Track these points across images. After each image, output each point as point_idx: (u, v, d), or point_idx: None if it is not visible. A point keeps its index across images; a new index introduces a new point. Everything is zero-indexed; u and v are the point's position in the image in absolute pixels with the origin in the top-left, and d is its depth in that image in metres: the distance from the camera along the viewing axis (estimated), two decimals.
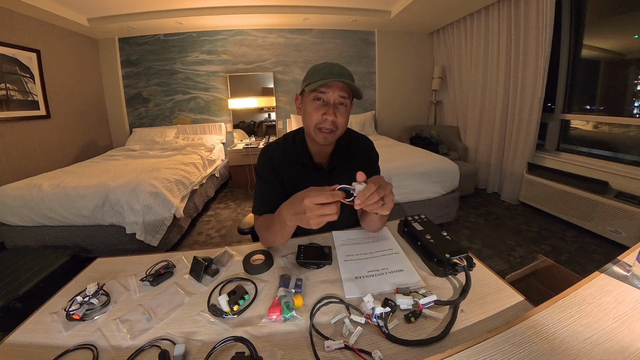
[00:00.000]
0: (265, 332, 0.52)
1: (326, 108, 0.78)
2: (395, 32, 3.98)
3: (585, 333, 0.42)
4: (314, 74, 0.79)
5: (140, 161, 2.69)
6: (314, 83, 0.76)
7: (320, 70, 0.78)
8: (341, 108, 0.80)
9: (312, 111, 0.79)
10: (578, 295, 0.50)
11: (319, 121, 0.79)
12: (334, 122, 0.78)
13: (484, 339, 0.42)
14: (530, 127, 2.63)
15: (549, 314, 0.46)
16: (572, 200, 2.24)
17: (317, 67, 0.80)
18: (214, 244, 2.33)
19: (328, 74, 0.76)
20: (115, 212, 1.93)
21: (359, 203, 0.56)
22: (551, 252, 2.00)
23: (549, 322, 0.44)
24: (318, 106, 0.79)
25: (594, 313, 0.46)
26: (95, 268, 0.77)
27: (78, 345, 0.51)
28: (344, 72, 0.78)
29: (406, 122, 4.14)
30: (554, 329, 0.43)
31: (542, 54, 2.42)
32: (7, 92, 2.52)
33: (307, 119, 0.82)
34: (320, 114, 0.78)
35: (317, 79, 0.76)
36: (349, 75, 0.79)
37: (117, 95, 3.82)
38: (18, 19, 2.62)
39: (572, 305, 0.47)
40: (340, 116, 0.79)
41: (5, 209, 1.99)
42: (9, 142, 2.53)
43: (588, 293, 0.50)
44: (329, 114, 0.77)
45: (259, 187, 0.91)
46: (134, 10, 3.06)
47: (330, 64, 0.80)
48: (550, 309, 0.47)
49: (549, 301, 0.49)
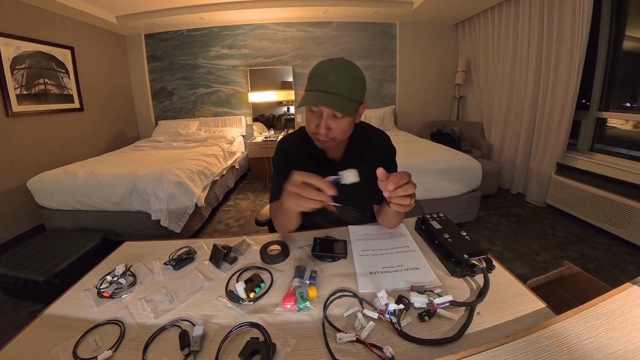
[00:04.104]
0: (279, 320, 0.54)
1: (319, 120, 0.75)
2: (417, 23, 3.83)
3: (612, 347, 0.39)
4: (311, 79, 0.74)
5: (165, 152, 2.82)
6: (305, 94, 0.73)
7: (316, 77, 0.72)
8: (337, 119, 0.74)
9: (307, 120, 0.78)
10: (606, 307, 0.47)
11: (313, 132, 0.78)
12: (326, 134, 0.75)
13: (500, 344, 0.40)
14: (561, 125, 2.46)
15: (572, 323, 0.44)
16: (605, 205, 2.09)
17: (316, 69, 0.74)
18: (232, 233, 2.41)
19: (321, 84, 0.71)
20: (142, 200, 2.04)
21: (391, 189, 0.56)
22: (578, 259, 1.89)
23: (572, 332, 0.42)
24: (311, 117, 0.76)
25: (623, 327, 0.43)
26: (123, 251, 0.82)
27: (107, 320, 0.55)
28: (342, 80, 0.70)
29: (427, 118, 4.02)
30: (577, 340, 0.41)
31: (577, 46, 2.24)
32: (46, 86, 2.71)
33: (305, 124, 0.81)
34: (314, 126, 0.76)
35: (311, 88, 0.73)
36: (345, 84, 0.70)
37: (143, 89, 3.99)
38: (54, 18, 2.79)
39: (598, 317, 0.45)
40: (336, 127, 0.75)
41: (45, 194, 2.16)
42: (48, 133, 2.73)
43: (618, 305, 0.47)
44: (321, 127, 0.74)
45: (275, 177, 0.93)
46: (159, 7, 3.18)
47: (330, 67, 0.71)
48: (574, 319, 0.44)
49: (573, 310, 0.46)
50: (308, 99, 0.72)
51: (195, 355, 0.47)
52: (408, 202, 0.58)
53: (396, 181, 0.56)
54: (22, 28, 2.47)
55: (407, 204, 0.58)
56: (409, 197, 0.57)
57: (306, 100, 0.72)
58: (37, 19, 2.62)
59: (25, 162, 2.47)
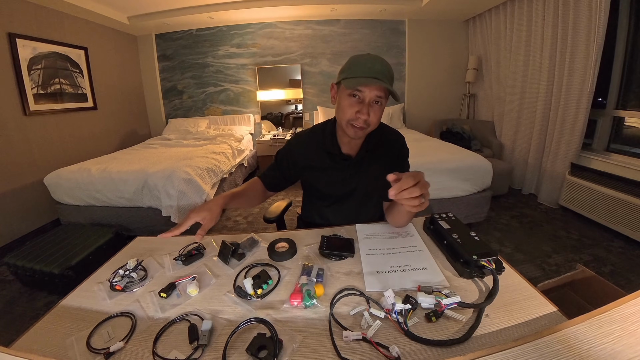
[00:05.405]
0: (286, 316, 0.55)
1: (361, 106, 0.76)
2: (427, 20, 3.77)
3: (626, 354, 0.38)
4: (353, 67, 0.76)
5: (175, 149, 2.87)
6: (352, 79, 0.74)
7: (361, 65, 0.75)
8: (375, 107, 0.78)
9: (346, 107, 0.78)
10: (621, 312, 0.45)
11: (351, 118, 0.78)
12: (366, 120, 0.77)
13: (509, 347, 0.40)
14: (576, 124, 2.39)
15: (584, 328, 0.42)
16: (621, 207, 2.02)
17: (358, 59, 0.77)
18: (241, 230, 2.43)
19: (367, 71, 0.73)
20: (153, 196, 2.09)
21: (394, 193, 0.56)
22: (592, 262, 1.83)
23: (584, 337, 0.41)
24: (352, 103, 0.77)
25: (638, 333, 0.41)
26: (135, 246, 0.84)
27: (119, 313, 0.57)
28: (385, 70, 0.75)
29: (437, 116, 3.95)
30: (589, 345, 0.40)
31: (594, 42, 2.16)
32: (61, 86, 2.79)
33: (340, 112, 0.81)
34: (354, 112, 0.77)
35: (356, 74, 0.74)
36: (389, 73, 0.76)
37: (154, 88, 4.07)
38: (68, 20, 2.87)
39: (612, 322, 0.43)
40: (374, 115, 0.78)
41: (60, 190, 2.23)
42: (64, 131, 2.81)
43: (634, 311, 0.45)
44: (363, 113, 0.76)
45: (271, 165, 1.01)
46: (169, 7, 3.23)
47: (372, 58, 0.76)
48: (586, 324, 0.43)
49: (585, 314, 0.45)
50: (367, 72, 0.74)
51: (204, 348, 0.48)
52: (416, 203, 0.57)
53: (399, 186, 0.55)
54: (38, 30, 2.55)
55: (415, 204, 0.57)
56: (416, 199, 0.57)
57: (366, 72, 0.74)
58: (52, 20, 2.70)
59: (42, 159, 2.56)
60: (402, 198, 0.56)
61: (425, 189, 0.58)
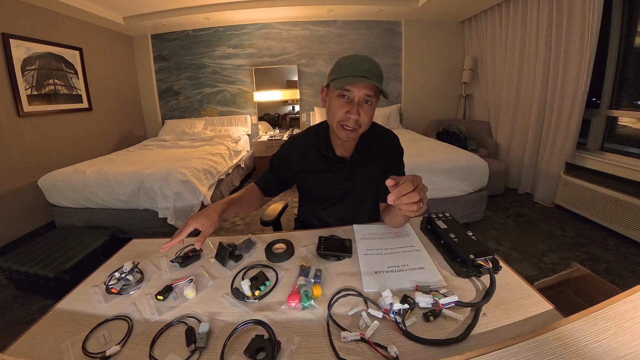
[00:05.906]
0: (284, 318, 0.54)
1: (350, 106, 0.76)
2: (423, 21, 3.80)
3: (621, 351, 0.38)
4: (341, 67, 0.76)
5: (171, 151, 2.85)
6: (340, 80, 0.74)
7: (348, 65, 0.75)
8: (366, 106, 0.78)
9: (336, 108, 0.78)
10: (616, 309, 0.46)
11: (342, 118, 0.78)
12: (357, 120, 0.77)
13: (506, 346, 0.40)
14: (570, 124, 2.42)
15: (580, 326, 0.43)
16: (615, 206, 2.04)
17: (345, 60, 0.78)
18: (238, 231, 2.42)
19: (355, 71, 0.73)
20: (149, 198, 2.07)
21: (393, 199, 0.55)
22: (587, 260, 1.85)
23: (580, 334, 0.41)
24: (342, 103, 0.77)
25: (633, 330, 0.42)
26: (131, 248, 0.84)
27: (115, 316, 0.57)
28: (373, 69, 0.75)
29: (433, 116, 3.97)
30: (585, 342, 0.40)
31: (587, 43, 2.18)
32: (55, 87, 2.76)
33: (330, 114, 0.81)
34: (344, 112, 0.77)
35: (344, 74, 0.74)
36: (377, 72, 0.76)
37: (150, 89, 4.04)
38: (63, 20, 2.84)
39: (607, 319, 0.44)
40: (365, 114, 0.77)
41: (55, 192, 2.21)
42: (58, 133, 2.78)
43: (628, 308, 0.46)
44: (353, 113, 0.76)
45: (266, 170, 1.00)
46: (165, 7, 3.21)
47: (359, 58, 0.76)
48: (582, 321, 0.44)
49: (581, 312, 0.45)
50: (355, 71, 0.73)
51: (201, 351, 0.48)
52: (414, 208, 0.56)
53: (398, 192, 0.55)
54: (32, 30, 2.53)
55: (414, 209, 0.56)
56: (415, 203, 0.56)
57: (353, 71, 0.74)
58: (47, 20, 2.68)
59: (36, 160, 2.53)
60: (401, 203, 0.56)
61: (424, 193, 0.57)
